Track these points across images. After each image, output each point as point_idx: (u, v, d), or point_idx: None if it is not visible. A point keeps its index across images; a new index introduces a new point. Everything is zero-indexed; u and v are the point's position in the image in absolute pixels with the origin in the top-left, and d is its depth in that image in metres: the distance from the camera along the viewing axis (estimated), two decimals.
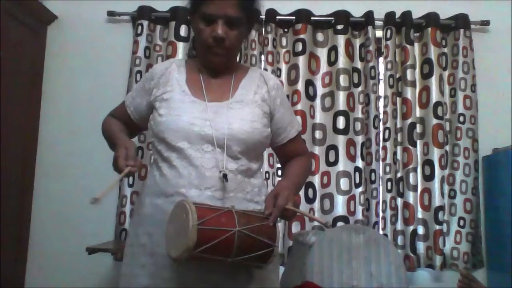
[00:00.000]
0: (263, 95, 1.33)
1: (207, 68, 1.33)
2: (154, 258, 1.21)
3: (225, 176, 1.20)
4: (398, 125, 2.57)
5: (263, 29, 2.60)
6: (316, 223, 2.48)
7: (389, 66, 2.60)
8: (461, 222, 2.54)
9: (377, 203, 2.51)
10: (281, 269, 2.27)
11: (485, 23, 2.69)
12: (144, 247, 1.23)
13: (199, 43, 1.31)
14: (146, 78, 1.38)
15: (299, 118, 2.48)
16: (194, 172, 1.20)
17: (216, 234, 1.04)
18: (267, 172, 2.51)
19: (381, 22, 2.64)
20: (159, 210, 1.21)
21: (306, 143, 2.50)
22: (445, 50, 2.68)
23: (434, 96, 2.57)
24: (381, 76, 2.67)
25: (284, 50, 2.64)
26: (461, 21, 2.64)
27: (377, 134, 2.55)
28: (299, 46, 2.58)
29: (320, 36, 2.66)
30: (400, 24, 2.63)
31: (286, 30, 2.66)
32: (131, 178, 2.49)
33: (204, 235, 1.03)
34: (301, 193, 2.48)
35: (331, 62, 2.62)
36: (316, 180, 2.51)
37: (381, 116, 2.60)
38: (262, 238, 1.08)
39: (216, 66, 1.32)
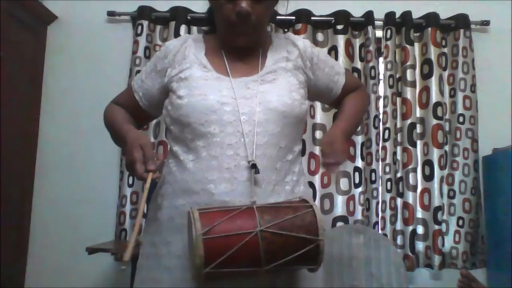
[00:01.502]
0: (296, 61, 1.16)
1: (230, 47, 1.15)
2: (171, 272, 1.02)
3: (254, 166, 0.99)
4: (398, 125, 2.57)
5: None
6: None
7: (389, 66, 2.60)
8: (460, 222, 2.54)
9: (377, 203, 2.52)
10: None
11: (485, 23, 2.69)
12: (160, 259, 1.05)
13: (219, 21, 1.13)
14: (158, 57, 1.18)
15: None
16: (225, 163, 1.00)
17: (231, 241, 0.82)
18: None
19: (381, 22, 2.64)
20: (179, 212, 1.02)
21: (306, 143, 2.51)
22: (445, 50, 2.68)
23: (434, 97, 2.57)
24: (381, 76, 2.67)
25: None
26: (461, 21, 2.64)
27: (377, 134, 2.55)
28: None
29: (320, 36, 2.66)
30: (400, 24, 2.63)
31: (286, 30, 2.65)
32: (130, 178, 2.48)
33: (214, 246, 0.81)
34: None
35: None
36: (316, 180, 2.51)
37: (381, 116, 2.60)
38: (297, 233, 0.85)
39: (241, 47, 1.13)
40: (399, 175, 2.54)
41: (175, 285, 1.02)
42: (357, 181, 2.51)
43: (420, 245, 2.50)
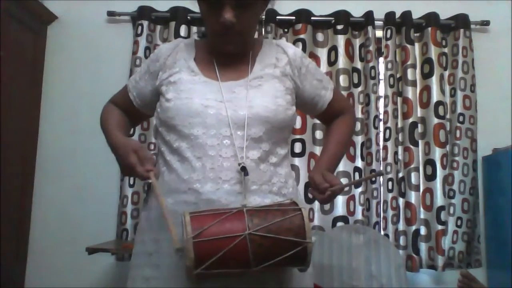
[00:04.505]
0: (284, 68, 1.17)
1: (219, 52, 1.17)
2: (159, 271, 1.06)
3: (243, 169, 1.02)
4: (399, 125, 2.57)
5: (263, 29, 2.60)
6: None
7: (389, 66, 2.60)
8: (459, 222, 2.54)
9: (378, 203, 2.51)
10: None
11: (485, 23, 2.69)
12: (150, 257, 1.08)
13: (206, 29, 1.16)
14: (151, 59, 1.22)
15: (299, 117, 2.47)
16: (208, 164, 1.03)
17: (220, 244, 0.86)
18: None
19: (381, 22, 2.64)
20: (168, 211, 1.02)
21: (306, 143, 2.51)
22: (445, 50, 2.68)
23: (435, 96, 2.57)
24: (381, 76, 2.67)
25: None
26: (461, 21, 2.64)
27: (377, 134, 2.55)
28: (299, 46, 2.58)
29: (320, 36, 2.66)
30: (400, 24, 2.63)
31: (286, 30, 2.65)
32: (131, 179, 2.48)
33: (204, 248, 0.85)
34: (301, 192, 2.47)
35: (331, 62, 2.62)
36: None
37: (381, 116, 2.60)
38: (285, 236, 0.89)
39: (229, 53, 1.16)
40: (401, 175, 2.54)
41: (165, 282, 1.04)
42: None
43: (422, 246, 2.49)
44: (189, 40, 1.24)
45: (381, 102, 2.61)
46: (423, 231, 2.50)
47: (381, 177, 2.54)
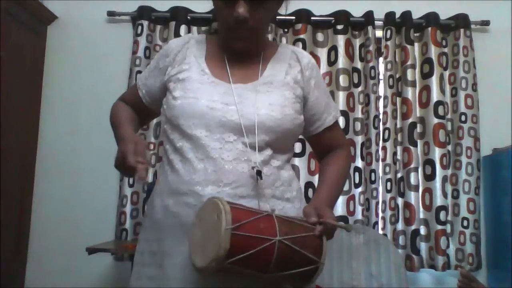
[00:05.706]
0: (296, 75, 1.15)
1: (230, 49, 1.15)
2: (162, 270, 1.04)
3: (259, 172, 1.01)
4: (398, 125, 2.57)
5: None
6: None
7: (389, 66, 2.60)
8: (465, 223, 2.52)
9: (377, 203, 2.51)
10: None
11: (485, 23, 2.69)
12: (154, 256, 1.08)
13: (219, 24, 1.14)
14: (160, 55, 1.20)
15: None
16: (210, 166, 1.02)
17: (253, 242, 0.86)
18: None
19: (381, 22, 2.64)
20: (170, 212, 1.04)
21: (306, 143, 2.51)
22: (446, 50, 2.68)
23: (435, 96, 2.57)
24: (381, 76, 2.67)
25: None
26: (461, 21, 2.64)
27: (377, 134, 2.55)
28: (299, 46, 2.58)
29: (320, 36, 2.66)
30: (400, 24, 2.63)
31: (286, 30, 2.65)
32: (131, 179, 2.49)
33: (239, 242, 0.85)
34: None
35: (331, 62, 2.62)
36: (316, 180, 2.51)
37: (381, 116, 2.60)
38: (306, 252, 0.90)
39: (240, 51, 1.14)
40: (399, 175, 2.54)
41: (167, 282, 1.03)
42: (357, 181, 2.51)
43: (422, 246, 2.48)
44: (200, 37, 1.22)
45: (381, 102, 2.61)
46: (422, 231, 2.49)
47: (379, 180, 2.54)
